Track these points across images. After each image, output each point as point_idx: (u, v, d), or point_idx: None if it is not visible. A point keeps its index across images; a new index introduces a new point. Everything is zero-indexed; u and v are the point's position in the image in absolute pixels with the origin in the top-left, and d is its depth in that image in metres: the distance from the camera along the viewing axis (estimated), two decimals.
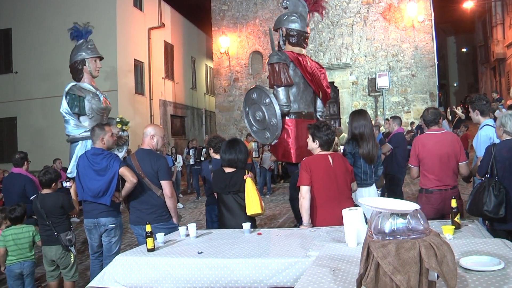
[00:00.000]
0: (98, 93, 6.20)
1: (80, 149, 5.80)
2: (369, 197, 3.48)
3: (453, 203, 3.07)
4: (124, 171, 4.01)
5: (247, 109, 6.10)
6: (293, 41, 6.13)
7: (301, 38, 6.18)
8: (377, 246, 1.53)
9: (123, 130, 6.19)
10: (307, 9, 6.28)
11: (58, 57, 15.34)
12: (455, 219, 3.02)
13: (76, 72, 6.37)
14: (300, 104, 6.04)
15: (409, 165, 4.28)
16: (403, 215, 1.58)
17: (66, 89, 6.12)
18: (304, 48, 6.24)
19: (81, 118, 6.08)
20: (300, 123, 5.93)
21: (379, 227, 1.59)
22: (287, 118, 5.86)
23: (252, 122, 6.05)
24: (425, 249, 1.46)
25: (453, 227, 2.86)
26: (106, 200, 4.12)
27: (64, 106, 6.00)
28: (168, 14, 18.78)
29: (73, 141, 6.06)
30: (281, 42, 6.24)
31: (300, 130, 5.89)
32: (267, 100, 5.81)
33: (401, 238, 1.54)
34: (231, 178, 4.00)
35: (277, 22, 6.31)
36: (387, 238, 1.56)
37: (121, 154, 6.05)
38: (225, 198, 4.04)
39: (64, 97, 6.04)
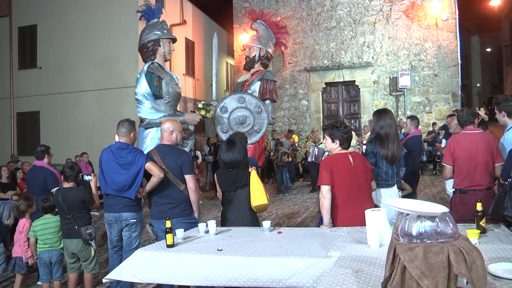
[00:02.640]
0: (174, 76, 5.86)
1: (154, 136, 5.48)
2: (393, 198, 3.43)
3: (479, 206, 2.98)
4: (150, 166, 4.02)
5: (228, 108, 6.42)
6: (266, 63, 7.00)
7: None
8: (404, 249, 1.49)
9: (205, 117, 6.01)
10: (274, 40, 7.11)
11: (81, 53, 15.60)
12: (481, 223, 2.93)
13: (148, 53, 5.87)
14: None
15: (444, 164, 4.19)
16: (431, 217, 1.53)
17: (145, 67, 5.64)
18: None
19: (157, 101, 5.69)
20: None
21: (406, 229, 1.55)
22: None
23: (227, 122, 6.40)
24: (454, 254, 1.41)
25: (479, 231, 2.78)
26: (131, 194, 4.14)
27: (144, 86, 5.53)
28: (189, 11, 18.86)
29: (148, 126, 5.65)
30: (256, 59, 6.90)
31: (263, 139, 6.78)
32: (260, 109, 6.42)
33: (429, 241, 1.49)
34: (237, 173, 3.98)
35: (257, 41, 6.97)
36: (414, 241, 1.52)
37: (187, 148, 5.67)
38: (231, 195, 4.01)
39: (142, 76, 5.58)
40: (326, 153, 10.70)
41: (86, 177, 4.95)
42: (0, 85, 17.10)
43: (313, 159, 11.21)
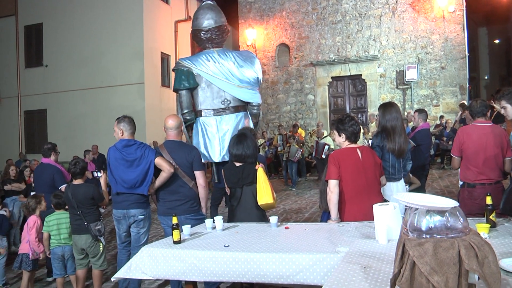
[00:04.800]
0: None
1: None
2: (401, 192, 3.39)
3: (488, 200, 2.94)
4: (160, 161, 4.01)
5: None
6: None
7: None
8: (413, 245, 1.46)
9: None
10: None
11: (87, 50, 15.63)
12: (490, 217, 2.89)
13: (222, 36, 5.94)
14: None
15: (452, 155, 4.13)
16: (440, 212, 1.50)
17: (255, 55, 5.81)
18: None
19: None
20: None
21: (415, 224, 1.52)
22: None
23: None
24: (465, 249, 1.38)
25: (489, 225, 2.74)
26: (143, 190, 4.13)
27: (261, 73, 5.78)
28: (194, 7, 18.76)
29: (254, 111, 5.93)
30: None
31: None
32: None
33: (439, 236, 1.46)
34: (243, 170, 3.93)
35: None
36: (424, 236, 1.49)
37: None
38: (237, 192, 3.98)
39: (257, 63, 5.81)
40: (326, 147, 10.74)
41: (96, 174, 4.97)
42: (7, 84, 17.19)
43: (314, 154, 11.28)
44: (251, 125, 5.83)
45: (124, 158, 4.16)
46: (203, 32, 5.88)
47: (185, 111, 5.73)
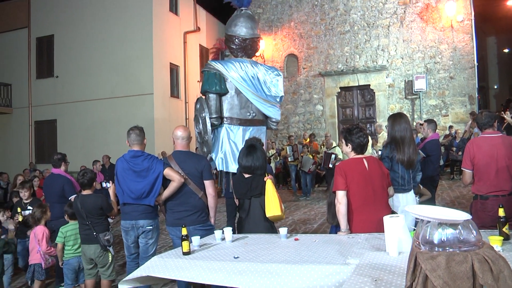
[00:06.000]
0: None
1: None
2: (411, 205, 3.36)
3: (501, 212, 2.90)
4: (169, 172, 4.04)
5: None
6: None
7: None
8: (426, 258, 1.45)
9: None
10: None
11: (97, 61, 15.80)
12: (504, 229, 2.85)
13: (256, 48, 5.93)
14: None
15: (463, 169, 4.09)
16: (453, 225, 1.49)
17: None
18: None
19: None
20: None
21: (427, 237, 1.51)
22: None
23: None
24: (478, 263, 1.36)
25: (502, 238, 2.69)
26: (150, 201, 4.15)
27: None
28: (203, 18, 18.96)
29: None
30: None
31: None
32: None
33: (451, 250, 1.45)
34: (252, 182, 3.92)
35: None
36: (436, 250, 1.47)
37: None
38: (246, 203, 3.96)
39: (282, 81, 5.77)
40: (333, 156, 10.73)
41: (104, 184, 5.00)
42: (19, 94, 17.41)
43: (322, 164, 11.27)
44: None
45: (131, 168, 4.18)
46: (241, 40, 5.74)
47: (214, 116, 5.55)
